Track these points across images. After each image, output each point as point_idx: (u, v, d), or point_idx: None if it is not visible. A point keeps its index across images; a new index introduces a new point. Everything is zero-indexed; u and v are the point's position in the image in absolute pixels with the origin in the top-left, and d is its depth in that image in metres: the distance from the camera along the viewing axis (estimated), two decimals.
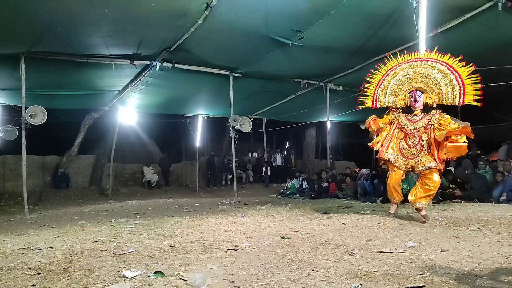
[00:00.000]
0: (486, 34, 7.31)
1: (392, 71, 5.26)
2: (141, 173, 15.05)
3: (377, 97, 5.35)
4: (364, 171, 9.87)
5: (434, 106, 4.95)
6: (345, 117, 13.41)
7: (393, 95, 5.23)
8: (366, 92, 5.46)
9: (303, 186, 11.77)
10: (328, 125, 12.79)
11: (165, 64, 8.39)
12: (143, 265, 3.06)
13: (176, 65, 8.56)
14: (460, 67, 4.86)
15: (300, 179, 12.22)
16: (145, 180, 14.73)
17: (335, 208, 7.33)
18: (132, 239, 4.22)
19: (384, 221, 5.24)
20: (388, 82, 5.26)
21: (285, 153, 18.33)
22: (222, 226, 5.13)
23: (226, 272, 2.84)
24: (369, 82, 5.45)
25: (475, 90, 4.73)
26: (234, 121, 10.20)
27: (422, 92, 5.01)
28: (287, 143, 21.63)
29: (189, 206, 8.61)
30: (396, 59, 5.25)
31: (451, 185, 8.46)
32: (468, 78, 4.77)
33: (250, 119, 11.74)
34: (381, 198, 8.43)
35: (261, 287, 2.45)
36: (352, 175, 10.77)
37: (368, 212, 6.44)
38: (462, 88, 4.78)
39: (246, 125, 10.84)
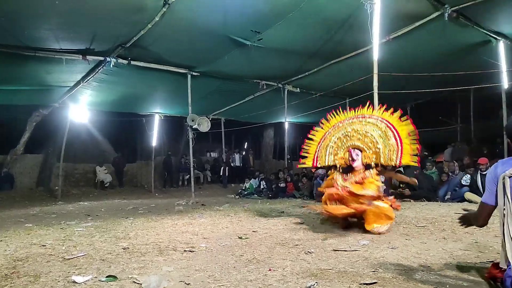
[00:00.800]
0: (433, 42, 7.74)
1: (332, 129, 5.14)
2: (93, 173, 14.46)
3: (318, 156, 5.16)
4: (320, 171, 10.07)
5: (372, 165, 4.70)
6: (302, 118, 13.67)
7: (333, 154, 5.03)
8: (308, 150, 5.29)
9: (261, 186, 11.85)
10: (286, 126, 12.97)
11: (120, 60, 8.12)
12: (95, 269, 2.93)
13: (132, 62, 8.31)
14: (400, 125, 4.70)
15: (259, 179, 12.29)
16: (97, 181, 14.17)
17: (292, 207, 7.44)
18: (83, 242, 4.03)
19: (339, 220, 5.38)
20: (328, 141, 5.11)
21: (244, 154, 18.38)
22: (179, 227, 5.04)
23: (182, 274, 2.78)
24: (311, 139, 5.30)
25: (413, 151, 4.58)
26: (192, 121, 10.07)
27: (361, 151, 4.76)
28: (246, 143, 21.71)
29: (144, 207, 8.37)
30: (338, 115, 5.16)
31: (401, 185, 8.86)
32: (407, 138, 4.61)
33: (209, 118, 11.65)
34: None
35: None
36: (309, 175, 10.99)
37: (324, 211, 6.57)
38: (400, 148, 4.58)
39: (204, 125, 10.74)
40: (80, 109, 11.60)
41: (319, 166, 5.25)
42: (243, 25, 6.87)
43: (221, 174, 15.73)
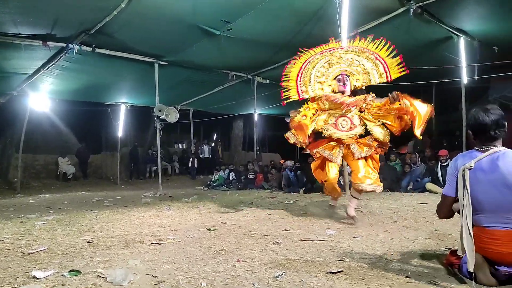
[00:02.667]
0: (399, 37, 7.92)
1: (310, 60, 4.92)
2: (55, 165, 13.94)
3: (301, 88, 4.91)
4: (288, 162, 10.21)
5: (363, 88, 4.70)
6: (272, 110, 13.72)
7: (319, 82, 4.79)
8: (288, 86, 5.04)
9: (231, 178, 11.85)
10: (255, 117, 12.99)
11: (83, 47, 7.78)
12: (57, 264, 2.83)
13: (97, 50, 7.98)
14: (375, 48, 4.75)
15: (228, 170, 12.28)
16: (60, 172, 13.68)
17: (261, 198, 7.49)
18: (44, 236, 3.88)
19: (306, 210, 5.48)
20: (309, 71, 4.89)
21: (213, 145, 18.25)
22: (146, 219, 4.96)
23: (150, 266, 2.74)
24: (287, 76, 5.08)
25: (398, 64, 4.70)
26: (160, 111, 9.88)
27: (348, 76, 4.67)
28: (215, 134, 21.57)
29: (110, 199, 8.16)
30: (312, 50, 4.97)
31: None
32: (387, 56, 4.71)
33: (177, 109, 11.47)
34: (303, 189, 8.81)
35: (185, 280, 2.40)
36: (277, 166, 11.09)
37: (292, 202, 6.68)
38: (385, 64, 4.67)
39: (172, 116, 10.57)
40: (41, 98, 11.08)
41: (306, 97, 4.88)
42: (213, 14, 6.77)
43: (189, 165, 15.58)
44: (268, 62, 9.82)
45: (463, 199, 2.26)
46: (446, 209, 2.51)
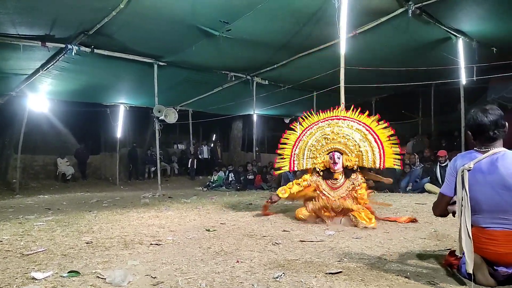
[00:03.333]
0: (398, 38, 7.96)
1: (308, 130, 4.95)
2: (54, 165, 13.91)
3: (294, 160, 4.97)
4: None
5: (354, 168, 4.63)
6: (271, 110, 13.74)
7: (312, 158, 4.84)
8: (283, 155, 5.10)
9: (230, 178, 11.85)
10: (254, 118, 12.99)
11: (82, 48, 7.77)
12: (56, 265, 2.82)
13: (96, 50, 7.98)
14: (378, 129, 4.66)
15: (227, 171, 12.28)
16: (59, 173, 13.65)
17: (260, 199, 7.49)
18: (43, 237, 3.88)
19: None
20: (305, 143, 4.92)
21: (212, 145, 18.25)
22: (145, 220, 4.96)
23: (149, 267, 2.74)
24: (284, 144, 5.12)
25: (395, 153, 4.59)
26: (159, 112, 9.87)
27: (341, 154, 4.65)
28: (214, 135, 21.56)
29: (109, 200, 8.15)
30: (312, 118, 4.99)
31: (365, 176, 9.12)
32: (387, 141, 4.60)
33: (176, 110, 11.47)
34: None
35: (185, 281, 2.40)
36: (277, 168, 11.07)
37: (291, 203, 6.67)
38: (382, 151, 4.56)
39: (171, 116, 10.57)
40: (40, 99, 11.06)
41: (296, 170, 5.05)
42: (212, 15, 6.77)
43: (188, 166, 15.57)
44: (267, 62, 9.83)
45: (462, 200, 2.27)
46: (442, 208, 2.52)
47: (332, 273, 2.50)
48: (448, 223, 4.24)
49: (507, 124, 2.28)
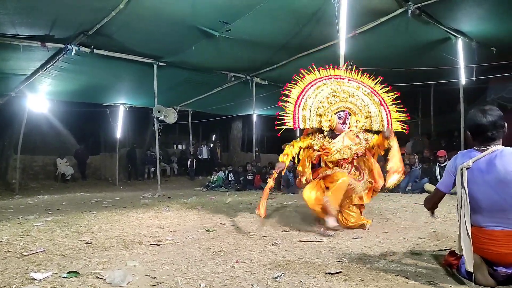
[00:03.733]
0: (397, 38, 7.96)
1: (313, 85, 4.41)
2: (53, 166, 13.89)
3: (299, 116, 4.32)
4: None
5: (361, 131, 4.32)
6: (270, 111, 13.71)
7: (319, 115, 4.30)
8: (286, 109, 4.38)
9: (229, 179, 11.85)
10: (254, 118, 12.98)
11: (82, 48, 7.77)
12: (55, 265, 2.82)
13: (95, 51, 7.97)
14: (383, 92, 4.50)
15: (227, 171, 12.27)
16: (58, 173, 13.64)
17: (260, 199, 7.47)
18: (43, 238, 3.87)
19: (305, 212, 5.47)
20: (309, 98, 4.35)
21: (211, 146, 18.25)
22: (144, 220, 4.95)
23: (148, 268, 2.74)
24: (286, 96, 4.42)
25: (401, 117, 4.48)
26: (158, 112, 9.87)
27: (350, 114, 4.33)
28: (213, 135, 21.56)
29: (108, 200, 8.15)
30: (316, 72, 4.50)
31: None
32: (392, 105, 4.47)
33: (176, 110, 11.47)
34: (302, 190, 8.80)
35: (184, 282, 2.40)
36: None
37: (291, 203, 6.68)
38: (388, 114, 4.40)
39: (170, 116, 10.57)
40: (39, 99, 11.06)
41: (302, 127, 4.39)
42: (212, 15, 6.77)
43: (188, 166, 15.56)
44: (266, 63, 9.83)
45: (461, 199, 2.27)
46: (435, 202, 2.61)
47: (331, 273, 2.50)
48: (447, 223, 4.24)
49: (506, 124, 2.29)
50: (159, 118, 9.90)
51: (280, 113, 4.37)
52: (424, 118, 13.48)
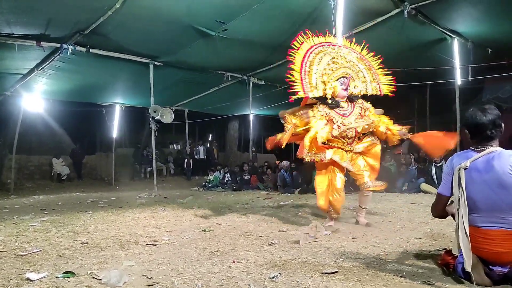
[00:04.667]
0: (393, 38, 7.98)
1: (312, 52, 4.36)
2: (49, 166, 13.82)
3: (305, 83, 4.23)
4: (284, 163, 10.21)
5: (359, 96, 4.42)
6: (267, 111, 13.72)
7: (323, 82, 4.25)
8: (293, 78, 4.25)
9: (226, 179, 11.84)
10: (251, 118, 12.98)
11: (78, 48, 7.74)
12: (51, 266, 2.81)
13: (91, 50, 7.95)
14: (369, 56, 4.65)
15: (223, 171, 12.26)
16: (54, 173, 13.57)
17: (256, 199, 7.49)
18: (38, 238, 3.85)
19: (302, 211, 5.48)
20: (313, 65, 4.28)
21: (208, 146, 18.22)
22: (141, 220, 4.94)
23: (144, 268, 2.73)
24: (291, 63, 4.32)
25: (388, 80, 4.59)
26: (155, 112, 9.85)
27: (348, 80, 4.32)
28: (210, 135, 21.53)
29: (104, 200, 8.12)
30: (312, 38, 4.45)
31: None
32: (379, 69, 4.60)
33: (172, 110, 11.44)
34: (299, 189, 8.83)
35: (180, 282, 2.39)
36: (273, 167, 11.09)
37: (287, 203, 6.68)
38: (377, 78, 4.54)
39: (167, 116, 10.54)
40: (35, 98, 11.01)
41: (311, 96, 4.26)
42: (208, 15, 6.76)
43: (184, 166, 15.53)
44: (263, 63, 9.82)
45: (459, 199, 2.27)
46: (441, 208, 2.52)
47: (328, 273, 2.50)
48: (443, 222, 4.24)
49: (503, 124, 2.30)
50: (156, 118, 9.89)
51: (289, 79, 4.25)
52: (420, 118, 13.52)
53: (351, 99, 4.39)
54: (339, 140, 4.29)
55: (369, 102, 4.54)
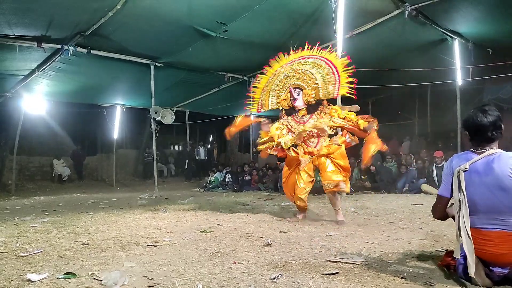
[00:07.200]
0: (394, 39, 7.99)
1: (276, 73, 5.03)
2: (50, 167, 13.84)
3: (261, 101, 5.11)
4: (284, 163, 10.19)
5: (313, 102, 4.75)
6: (268, 112, 13.70)
7: (275, 96, 4.97)
8: (253, 98, 5.21)
9: (227, 179, 11.84)
10: (251, 119, 12.95)
11: (79, 49, 7.75)
12: (52, 267, 2.81)
13: (92, 51, 7.95)
14: (337, 59, 4.80)
15: (224, 172, 12.26)
16: (55, 174, 13.59)
17: (257, 200, 7.49)
18: (39, 239, 3.85)
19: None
20: (270, 85, 5.03)
21: (209, 147, 18.23)
22: (141, 221, 4.94)
23: (145, 269, 2.73)
24: (255, 87, 5.23)
25: (349, 82, 4.66)
26: (155, 113, 9.86)
27: (301, 90, 4.77)
28: (211, 136, 21.53)
29: (105, 201, 8.12)
30: (281, 59, 5.03)
31: (362, 177, 9.15)
32: (344, 71, 4.67)
33: (173, 111, 11.45)
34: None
35: (181, 283, 2.39)
36: (273, 168, 11.09)
37: (288, 203, 6.68)
38: (337, 80, 4.66)
39: (168, 117, 10.55)
40: (36, 99, 11.03)
41: (263, 111, 5.16)
42: (209, 16, 6.77)
43: (185, 167, 15.52)
44: (264, 63, 9.74)
45: (459, 202, 2.27)
46: (441, 209, 2.52)
47: (329, 274, 2.50)
48: (444, 223, 4.23)
49: (503, 125, 2.29)
50: (156, 119, 9.89)
51: (248, 101, 5.20)
52: (421, 119, 13.52)
53: (311, 108, 4.75)
54: (301, 145, 4.75)
55: (339, 106, 4.90)
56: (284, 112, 4.94)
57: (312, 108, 4.75)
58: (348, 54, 6.14)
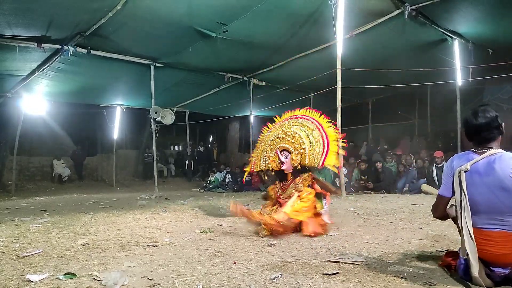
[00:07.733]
0: (394, 39, 7.99)
1: (270, 131, 4.93)
2: (50, 167, 13.84)
3: (255, 161, 4.89)
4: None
5: (298, 168, 4.42)
6: (268, 112, 13.72)
7: (266, 157, 4.74)
8: (253, 155, 5.07)
9: (227, 180, 11.84)
10: (251, 119, 12.97)
11: (79, 49, 7.74)
12: (52, 267, 2.81)
13: (92, 52, 7.94)
14: (329, 128, 4.54)
15: (224, 172, 12.27)
16: (55, 174, 13.58)
17: (257, 200, 7.47)
18: (39, 239, 3.85)
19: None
20: (264, 144, 4.87)
21: (209, 147, 18.24)
22: (141, 222, 4.94)
23: (145, 269, 2.73)
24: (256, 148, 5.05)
25: (336, 154, 4.43)
26: (155, 113, 9.85)
27: (290, 153, 4.47)
28: (211, 136, 21.54)
29: (105, 201, 8.12)
30: (278, 118, 4.95)
31: (362, 177, 9.15)
32: (334, 141, 4.44)
33: (173, 111, 11.44)
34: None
35: (181, 283, 2.39)
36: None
37: None
38: (326, 150, 4.33)
39: (168, 118, 10.54)
40: (36, 100, 11.03)
41: (255, 170, 4.89)
42: (209, 16, 6.76)
43: (185, 167, 15.53)
44: (264, 64, 9.83)
45: (461, 202, 2.27)
46: (442, 209, 2.51)
47: (329, 274, 2.50)
48: (444, 224, 4.24)
49: (503, 123, 2.29)
50: (156, 119, 9.89)
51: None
52: (421, 119, 13.52)
53: (294, 173, 4.45)
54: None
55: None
56: (273, 173, 4.72)
57: (297, 172, 4.44)
58: (348, 54, 6.17)
